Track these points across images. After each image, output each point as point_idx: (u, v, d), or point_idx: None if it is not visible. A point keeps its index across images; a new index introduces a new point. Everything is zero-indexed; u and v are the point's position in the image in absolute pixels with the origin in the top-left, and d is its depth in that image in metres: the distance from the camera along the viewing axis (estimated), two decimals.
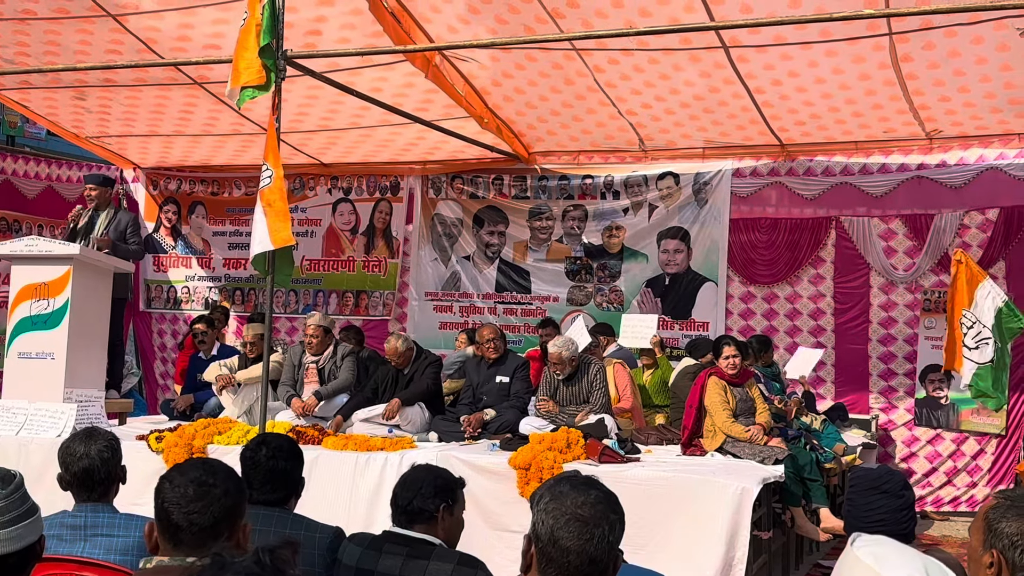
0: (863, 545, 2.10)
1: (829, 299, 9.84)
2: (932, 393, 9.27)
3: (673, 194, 10.27)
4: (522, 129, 10.03)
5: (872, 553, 2.07)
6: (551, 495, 2.22)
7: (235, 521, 2.62)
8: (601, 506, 2.21)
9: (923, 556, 2.10)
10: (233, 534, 2.61)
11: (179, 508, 2.55)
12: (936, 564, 2.08)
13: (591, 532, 2.16)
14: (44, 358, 7.93)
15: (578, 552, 2.15)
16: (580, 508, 2.18)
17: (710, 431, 7.10)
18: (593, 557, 2.17)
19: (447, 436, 7.51)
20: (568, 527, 2.16)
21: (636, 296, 10.39)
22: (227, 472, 2.68)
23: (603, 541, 2.18)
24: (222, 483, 2.61)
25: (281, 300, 11.59)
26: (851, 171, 9.67)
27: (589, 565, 2.17)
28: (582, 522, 2.16)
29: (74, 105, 9.86)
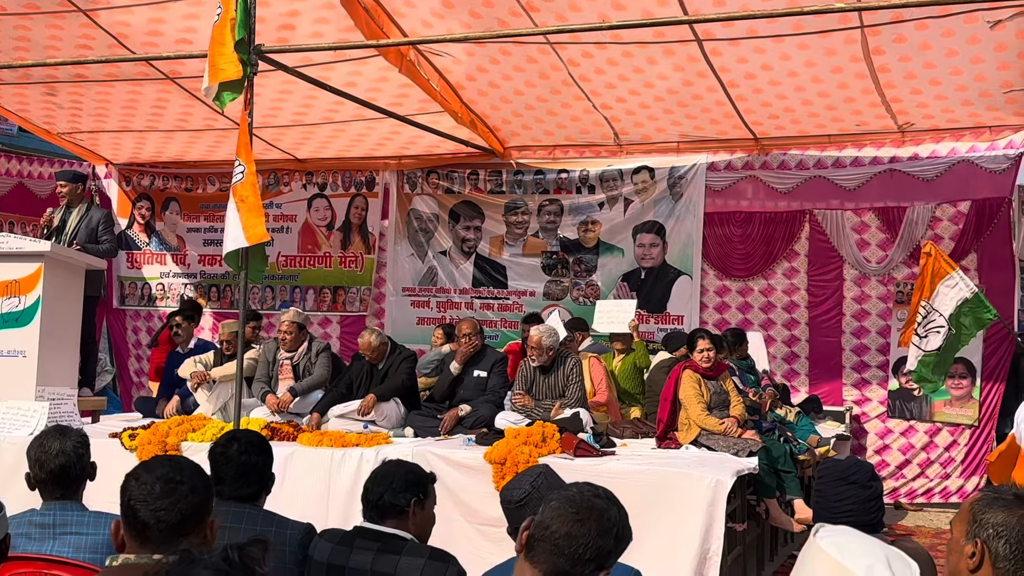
0: (826, 535, 2.12)
1: (803, 292, 9.89)
2: (905, 385, 9.33)
3: (648, 188, 10.29)
4: (497, 124, 10.02)
5: (835, 543, 2.09)
6: (561, 487, 2.41)
7: (202, 518, 2.62)
8: (600, 500, 2.33)
9: (885, 546, 2.12)
10: (200, 531, 2.61)
11: (146, 505, 2.54)
12: (898, 553, 2.10)
13: (584, 527, 2.26)
14: (15, 356, 7.87)
15: (566, 537, 2.24)
16: (579, 496, 2.30)
17: (685, 424, 7.12)
18: (580, 553, 2.25)
19: (422, 431, 7.49)
20: (560, 514, 2.27)
21: (612, 290, 10.41)
22: (194, 469, 2.66)
23: (590, 534, 2.26)
24: (189, 480, 2.60)
25: (257, 296, 11.54)
26: (824, 164, 9.72)
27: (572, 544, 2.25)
28: (580, 520, 2.27)
29: (45, 101, 9.77)
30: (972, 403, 9.13)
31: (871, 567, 2.02)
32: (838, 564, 2.04)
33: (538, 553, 2.24)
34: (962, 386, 9.17)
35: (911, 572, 2.07)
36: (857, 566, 2.03)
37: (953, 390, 9.19)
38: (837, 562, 2.04)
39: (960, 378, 9.13)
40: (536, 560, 2.24)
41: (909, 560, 2.10)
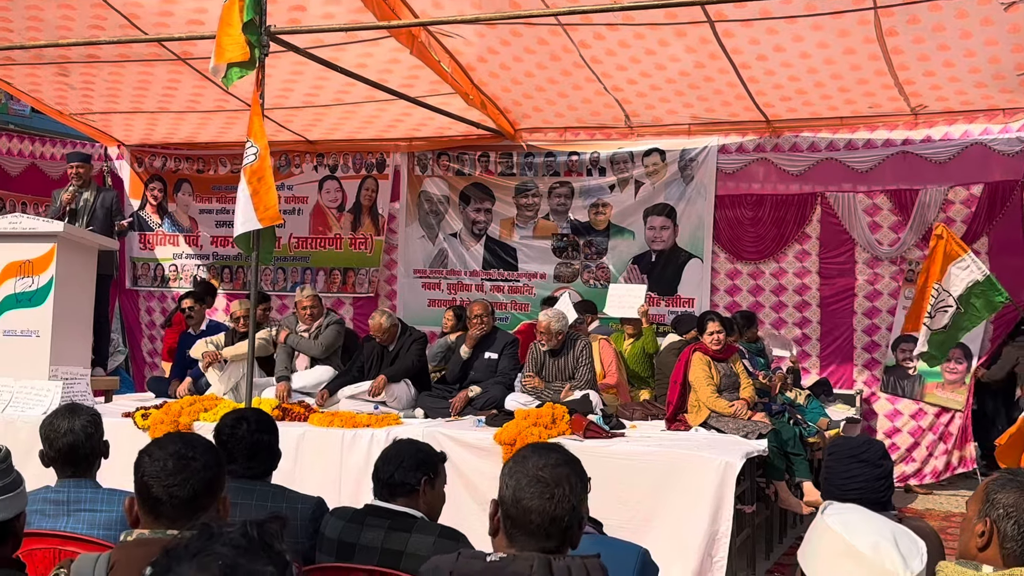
0: (833, 513, 2.13)
1: (815, 275, 9.87)
2: (902, 362, 9.35)
3: (659, 171, 10.27)
4: (508, 105, 10.00)
5: (841, 521, 2.10)
6: (515, 460, 2.31)
7: (215, 494, 2.64)
8: (562, 468, 2.30)
9: (892, 523, 2.13)
10: (213, 507, 2.63)
11: (159, 481, 2.56)
12: (904, 531, 2.11)
13: (552, 492, 2.24)
14: (29, 336, 7.92)
15: (539, 511, 2.23)
16: (541, 470, 2.26)
17: (694, 406, 7.13)
18: (554, 516, 2.24)
19: (433, 412, 7.53)
20: (530, 488, 2.25)
21: (623, 273, 10.40)
22: (206, 445, 2.69)
23: (564, 501, 2.25)
24: (202, 456, 2.62)
25: (269, 278, 11.58)
26: (836, 147, 9.68)
27: (551, 524, 2.24)
28: (543, 483, 2.25)
29: (57, 82, 9.79)
30: (963, 388, 9.14)
31: (877, 544, 2.03)
32: (844, 541, 2.05)
33: (519, 537, 2.25)
34: (957, 371, 9.17)
35: (918, 549, 2.07)
36: (863, 543, 2.03)
37: (947, 374, 9.19)
38: (843, 539, 2.05)
39: (956, 362, 9.13)
40: (521, 544, 2.24)
41: (916, 537, 2.11)
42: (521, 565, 2.13)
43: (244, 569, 1.44)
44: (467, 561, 2.19)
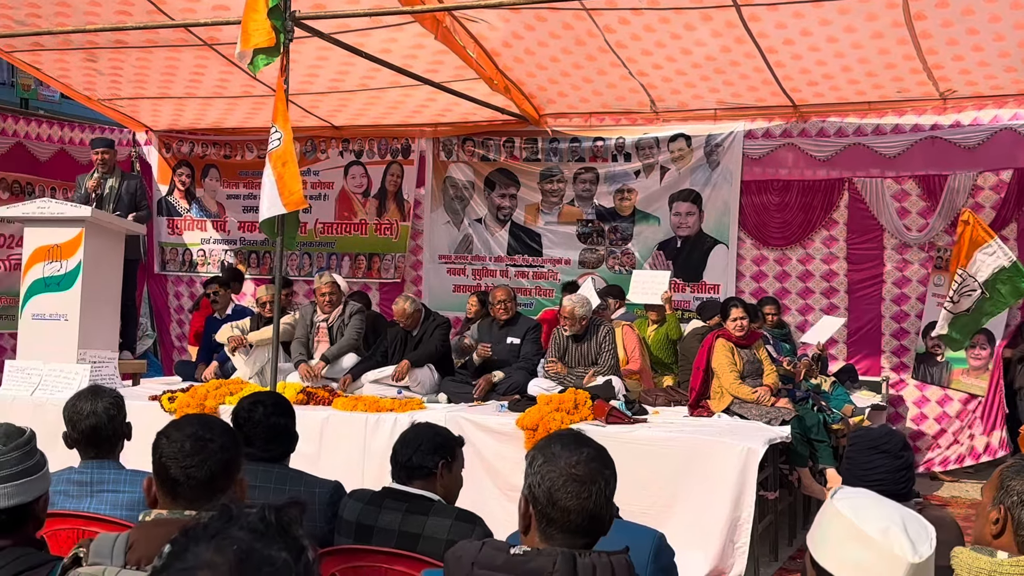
0: (843, 497, 2.12)
1: (842, 260, 9.81)
2: (931, 349, 9.28)
3: (685, 156, 10.22)
4: (533, 91, 9.98)
5: (851, 505, 2.09)
6: (544, 457, 2.25)
7: (232, 475, 2.66)
8: (594, 463, 2.25)
9: (902, 508, 2.12)
10: (230, 488, 2.65)
11: (176, 463, 2.59)
12: (914, 516, 2.09)
13: (588, 490, 2.20)
14: (58, 319, 8.02)
15: (579, 511, 2.19)
16: (575, 468, 2.21)
17: (717, 392, 7.12)
18: (593, 513, 2.21)
19: (456, 397, 7.55)
20: (566, 488, 2.20)
21: (648, 259, 10.37)
22: (224, 427, 2.72)
23: (600, 496, 2.22)
24: (219, 438, 2.65)
25: (295, 263, 11.64)
26: (864, 132, 9.59)
27: (590, 522, 2.21)
28: (579, 481, 2.20)
29: (85, 67, 9.86)
30: (986, 374, 9.06)
31: (887, 529, 2.01)
32: (853, 526, 2.04)
33: (556, 535, 2.21)
34: (981, 357, 9.09)
35: (927, 534, 2.06)
36: (872, 528, 2.02)
37: (972, 360, 9.12)
38: (853, 524, 2.04)
39: (980, 348, 9.06)
40: (558, 540, 2.21)
41: (925, 522, 2.10)
42: (544, 561, 2.10)
43: (259, 554, 1.43)
44: (491, 552, 2.16)
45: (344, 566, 3.39)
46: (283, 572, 1.44)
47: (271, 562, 1.43)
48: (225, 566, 1.40)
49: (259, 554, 1.43)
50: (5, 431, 2.95)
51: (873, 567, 2.01)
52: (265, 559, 1.43)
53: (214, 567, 1.40)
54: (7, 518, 2.81)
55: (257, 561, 1.42)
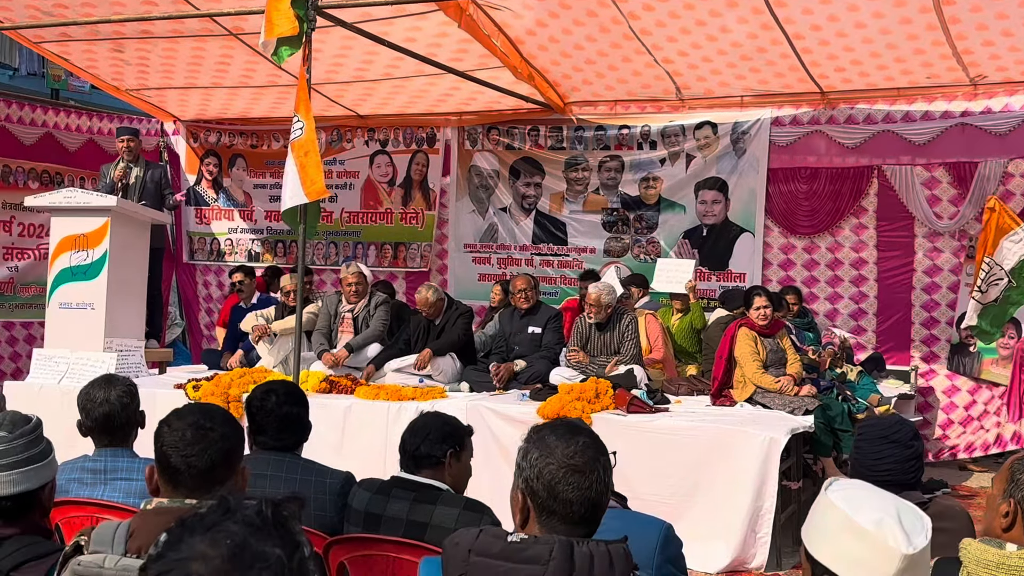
0: (836, 489, 2.10)
1: (871, 249, 9.69)
2: (965, 340, 9.15)
3: (711, 144, 10.14)
4: (557, 79, 9.93)
5: (844, 496, 2.06)
6: (538, 449, 2.21)
7: (233, 464, 2.66)
8: (590, 451, 2.22)
9: (897, 499, 2.09)
10: (231, 477, 2.66)
11: (177, 451, 2.60)
12: (909, 507, 2.07)
13: (589, 480, 2.18)
14: (84, 308, 8.09)
15: (581, 501, 2.17)
16: (573, 458, 2.18)
17: (740, 382, 7.07)
18: (594, 502, 2.19)
19: (478, 386, 7.55)
20: (567, 480, 2.17)
21: (673, 247, 10.30)
22: (224, 417, 2.72)
23: (600, 484, 2.20)
24: (220, 427, 2.65)
25: (321, 252, 11.67)
26: (893, 119, 9.46)
27: (591, 510, 2.19)
28: (579, 472, 2.17)
29: (113, 58, 9.92)
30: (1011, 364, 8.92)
31: (881, 520, 1.99)
32: (847, 518, 2.02)
33: (558, 526, 2.18)
34: (1009, 346, 8.95)
35: (923, 525, 2.03)
36: (866, 519, 2.00)
37: (1002, 349, 8.98)
38: (846, 515, 2.02)
39: (1009, 337, 8.92)
40: (560, 531, 2.18)
41: (921, 513, 2.07)
42: (541, 550, 2.07)
43: (252, 549, 1.43)
44: (488, 539, 2.14)
45: (353, 555, 3.40)
46: (276, 568, 1.43)
47: (264, 558, 1.43)
48: (218, 559, 1.40)
49: (253, 549, 1.43)
50: (11, 418, 2.97)
51: (867, 559, 1.98)
52: (258, 554, 1.43)
53: (207, 559, 1.40)
54: (12, 505, 2.83)
55: (250, 556, 1.42)
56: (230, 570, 1.39)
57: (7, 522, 2.83)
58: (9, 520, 2.84)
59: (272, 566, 1.42)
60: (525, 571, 2.05)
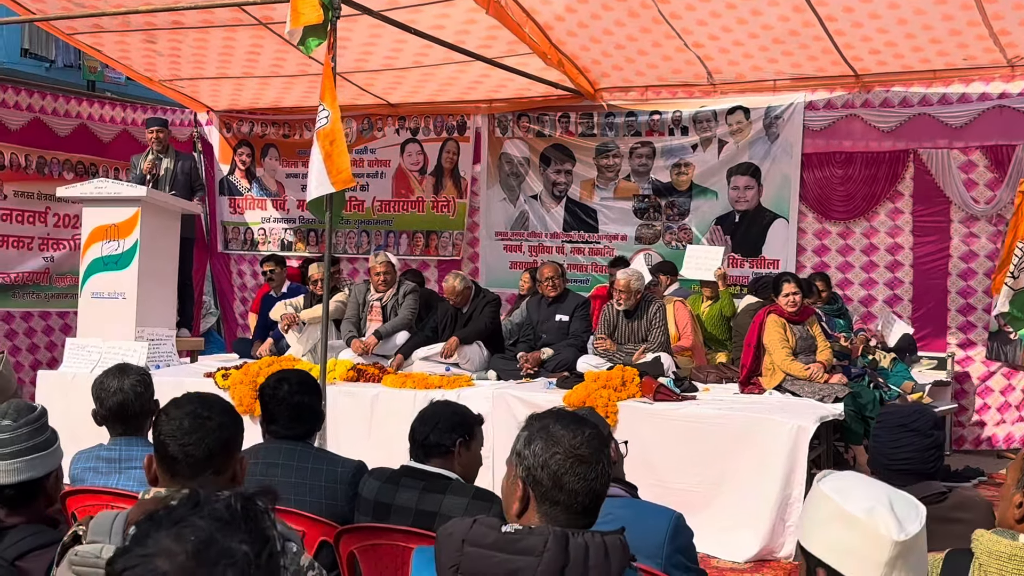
0: (828, 480, 2.06)
1: (907, 234, 9.54)
2: (1004, 327, 8.98)
3: (743, 129, 10.01)
4: (587, 65, 9.85)
5: (835, 487, 2.02)
6: (543, 439, 2.18)
7: (230, 453, 2.67)
8: (595, 441, 2.21)
9: (889, 488, 2.05)
10: (228, 467, 2.66)
11: (175, 440, 2.60)
12: (902, 495, 2.03)
13: (595, 470, 2.16)
14: (116, 298, 8.17)
15: (586, 492, 2.16)
16: (579, 449, 2.16)
17: (769, 369, 6.99)
18: (598, 492, 2.18)
19: (505, 374, 7.53)
20: (574, 470, 2.15)
21: (706, 234, 10.20)
22: (223, 406, 2.72)
23: (604, 475, 2.19)
24: (217, 416, 2.65)
25: (353, 241, 11.70)
26: (929, 101, 9.29)
27: (594, 500, 2.19)
28: (586, 462, 2.16)
29: (145, 49, 9.98)
30: None
31: (872, 509, 1.95)
32: (838, 507, 1.98)
33: (560, 515, 2.16)
34: None
35: (916, 513, 1.99)
36: (857, 508, 1.96)
37: None
38: (838, 506, 1.98)
39: None
40: (562, 521, 2.15)
41: (915, 502, 2.03)
42: (535, 541, 2.05)
43: (218, 545, 1.42)
44: (482, 530, 2.11)
45: (362, 544, 3.39)
46: (242, 565, 1.42)
47: (230, 554, 1.42)
48: (182, 555, 1.39)
49: (219, 545, 1.42)
50: (16, 407, 2.99)
51: (858, 548, 1.94)
52: (224, 551, 1.42)
53: (171, 555, 1.39)
54: (16, 494, 2.85)
55: (216, 552, 1.41)
56: (194, 567, 1.38)
57: (11, 511, 2.86)
58: (13, 509, 2.86)
59: (238, 563, 1.41)
60: (519, 562, 2.02)
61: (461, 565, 2.06)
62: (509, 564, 2.02)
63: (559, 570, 1.99)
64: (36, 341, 10.68)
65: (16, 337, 10.49)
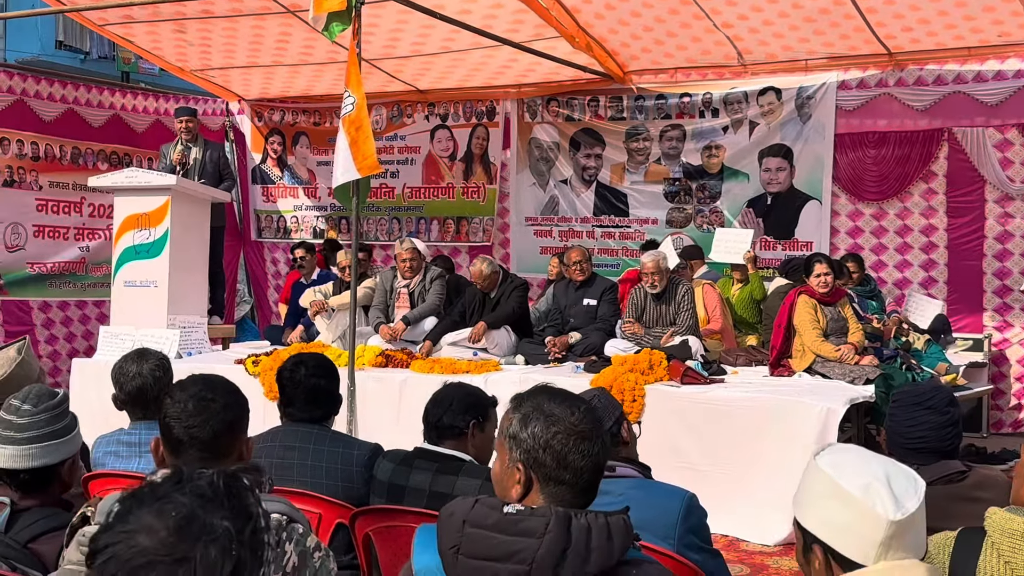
0: (825, 455, 2.03)
1: (942, 214, 9.40)
2: None
3: (775, 110, 9.90)
4: (615, 48, 9.78)
5: (831, 462, 2.00)
6: (540, 420, 2.14)
7: (236, 435, 2.67)
8: (592, 415, 2.18)
9: (887, 463, 2.01)
10: (234, 448, 2.66)
11: (180, 423, 2.60)
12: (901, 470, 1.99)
13: (596, 445, 2.14)
14: (148, 286, 8.24)
15: (591, 468, 2.13)
16: (579, 425, 2.13)
17: (799, 351, 6.91)
18: (601, 467, 2.16)
19: (533, 359, 7.51)
20: (577, 447, 2.11)
21: (737, 216, 10.11)
22: (228, 388, 2.72)
23: (605, 449, 2.17)
24: (222, 398, 2.65)
25: (385, 228, 11.72)
26: (964, 79, 9.13)
27: (598, 475, 2.16)
28: (587, 439, 2.13)
29: (176, 39, 10.04)
30: None
31: (868, 485, 1.92)
32: (834, 483, 1.95)
33: (566, 495, 2.12)
34: None
35: (916, 490, 1.95)
36: (853, 484, 1.93)
37: None
38: (834, 482, 1.95)
39: None
40: (568, 501, 2.12)
41: (915, 477, 1.99)
42: (536, 522, 2.01)
43: (200, 521, 1.43)
44: (483, 510, 2.07)
45: (377, 526, 3.38)
46: (223, 541, 1.43)
47: (211, 530, 1.43)
48: (163, 531, 1.40)
49: (199, 521, 1.43)
50: (37, 392, 3.02)
51: (852, 526, 1.92)
52: (205, 527, 1.42)
53: (152, 532, 1.40)
54: (31, 478, 2.88)
55: (197, 528, 1.42)
56: (176, 542, 1.39)
57: (26, 494, 2.89)
58: (28, 492, 2.89)
59: (219, 538, 1.42)
60: (519, 544, 1.99)
61: (461, 546, 2.03)
62: (509, 546, 1.99)
63: (560, 552, 1.96)
64: (73, 330, 10.82)
65: (53, 326, 10.64)
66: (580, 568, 1.94)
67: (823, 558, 1.98)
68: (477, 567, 1.98)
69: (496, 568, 1.96)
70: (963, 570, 2.33)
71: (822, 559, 1.98)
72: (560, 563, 1.93)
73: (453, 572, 2.02)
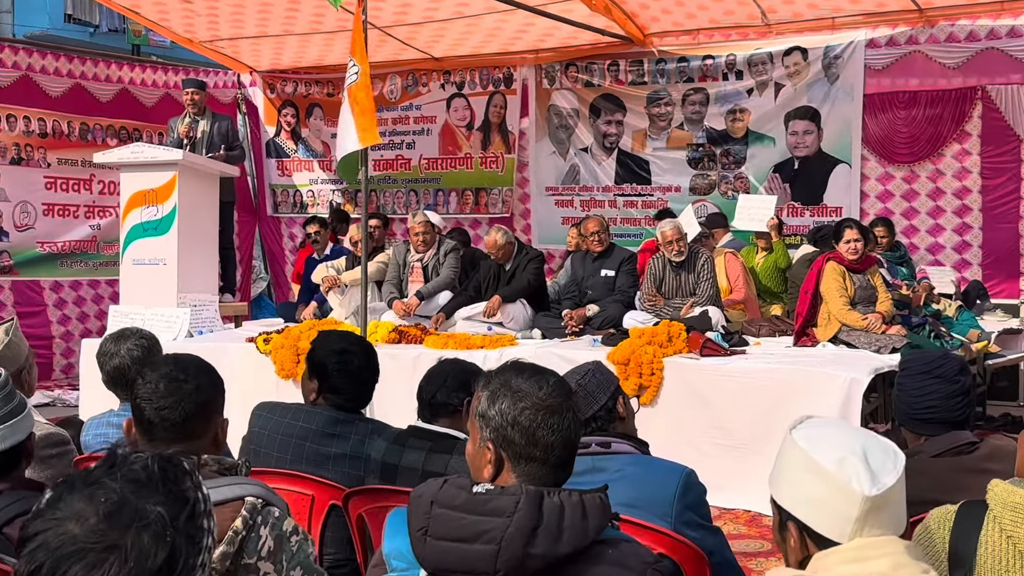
0: (801, 428, 1.92)
1: (975, 176, 9.10)
2: None
3: (801, 71, 9.59)
4: (635, 9, 9.49)
5: (806, 435, 1.89)
6: (507, 395, 2.06)
7: (210, 417, 2.56)
8: (561, 389, 2.11)
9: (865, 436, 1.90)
10: (208, 430, 2.56)
11: (150, 404, 2.50)
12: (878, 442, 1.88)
13: (566, 420, 2.06)
14: (157, 264, 8.09)
15: (561, 444, 2.05)
16: (547, 400, 2.05)
17: (824, 319, 6.67)
18: (572, 443, 2.08)
19: (550, 333, 7.32)
20: (546, 422, 2.04)
21: (763, 182, 9.83)
22: (200, 368, 2.59)
23: (575, 423, 2.10)
24: (194, 379, 2.53)
25: (402, 200, 11.52)
26: (998, 34, 8.80)
27: (570, 451, 2.09)
28: (556, 412, 2.05)
29: (183, 9, 9.83)
30: None
31: (843, 459, 1.81)
32: (808, 457, 1.85)
33: (539, 472, 2.04)
34: None
35: (893, 464, 1.84)
36: (827, 459, 1.83)
37: None
38: (808, 456, 1.85)
39: None
40: (542, 479, 2.03)
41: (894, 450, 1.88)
42: (506, 501, 1.91)
43: (131, 507, 1.40)
44: (451, 491, 1.98)
45: (370, 506, 3.29)
46: (156, 527, 1.40)
47: (143, 516, 1.40)
48: (94, 518, 1.37)
49: (131, 506, 1.40)
50: None
51: (827, 501, 1.82)
52: (137, 512, 1.40)
53: (82, 519, 1.37)
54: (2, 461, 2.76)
55: (128, 515, 1.39)
56: (106, 529, 1.37)
57: None
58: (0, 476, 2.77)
59: (152, 524, 1.39)
60: (488, 523, 1.90)
61: (429, 528, 1.95)
62: (477, 526, 1.90)
63: (531, 531, 1.87)
64: (86, 310, 10.70)
65: (66, 306, 10.52)
66: (551, 547, 1.86)
67: (798, 535, 1.90)
68: (445, 548, 1.91)
69: (464, 549, 1.89)
70: (964, 545, 2.21)
71: (797, 536, 1.90)
72: (530, 542, 1.86)
73: (422, 554, 1.96)
